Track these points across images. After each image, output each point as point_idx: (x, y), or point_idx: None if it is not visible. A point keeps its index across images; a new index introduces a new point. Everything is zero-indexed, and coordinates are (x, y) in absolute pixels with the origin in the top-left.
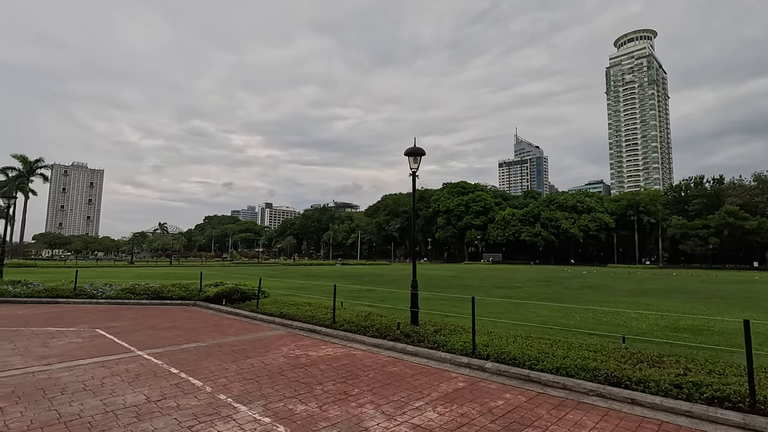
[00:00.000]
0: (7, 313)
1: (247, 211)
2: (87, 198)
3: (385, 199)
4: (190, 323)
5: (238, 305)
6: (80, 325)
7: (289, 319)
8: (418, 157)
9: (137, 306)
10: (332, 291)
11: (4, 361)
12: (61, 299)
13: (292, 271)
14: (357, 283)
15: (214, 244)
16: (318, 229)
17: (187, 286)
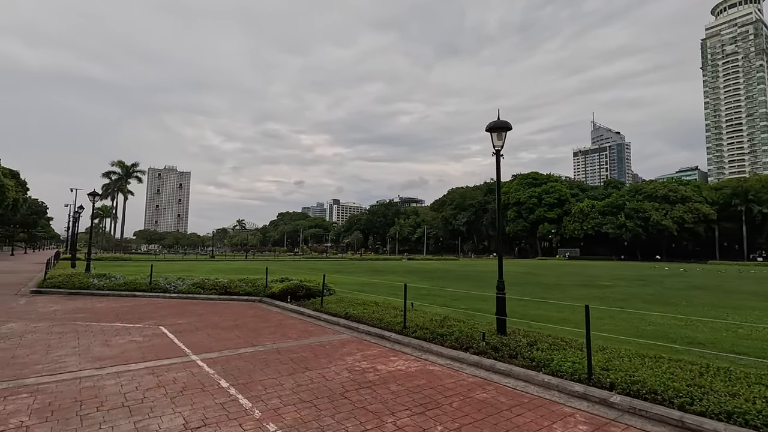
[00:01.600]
0: (88, 306)
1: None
2: (177, 198)
3: (452, 193)
4: (252, 322)
5: (302, 303)
6: (147, 321)
7: (354, 321)
8: (502, 132)
9: (205, 301)
10: (401, 288)
11: (60, 363)
12: (138, 293)
13: (358, 266)
14: (425, 279)
15: (286, 239)
16: (384, 224)
17: (253, 282)
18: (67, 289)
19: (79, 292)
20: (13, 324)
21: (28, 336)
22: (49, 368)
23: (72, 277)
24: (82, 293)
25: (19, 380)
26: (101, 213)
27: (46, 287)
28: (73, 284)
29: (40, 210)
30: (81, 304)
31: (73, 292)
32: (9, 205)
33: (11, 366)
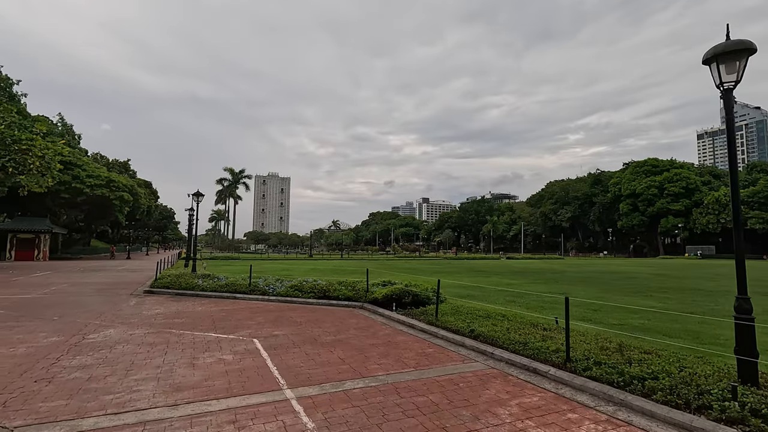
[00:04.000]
0: (189, 309)
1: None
2: (279, 202)
3: (551, 187)
4: (356, 337)
5: (410, 312)
6: (241, 331)
7: (486, 344)
8: (739, 58)
9: (304, 306)
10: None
11: (133, 393)
12: (238, 294)
13: (455, 265)
14: (538, 282)
15: (378, 239)
16: (476, 221)
17: (353, 285)
18: (174, 290)
19: (185, 293)
20: (112, 330)
21: (118, 348)
22: (118, 401)
23: (179, 278)
24: (187, 294)
25: (78, 420)
26: (216, 216)
27: (157, 287)
28: (179, 285)
29: (169, 215)
30: (183, 306)
31: (179, 293)
32: (144, 211)
33: (80, 395)
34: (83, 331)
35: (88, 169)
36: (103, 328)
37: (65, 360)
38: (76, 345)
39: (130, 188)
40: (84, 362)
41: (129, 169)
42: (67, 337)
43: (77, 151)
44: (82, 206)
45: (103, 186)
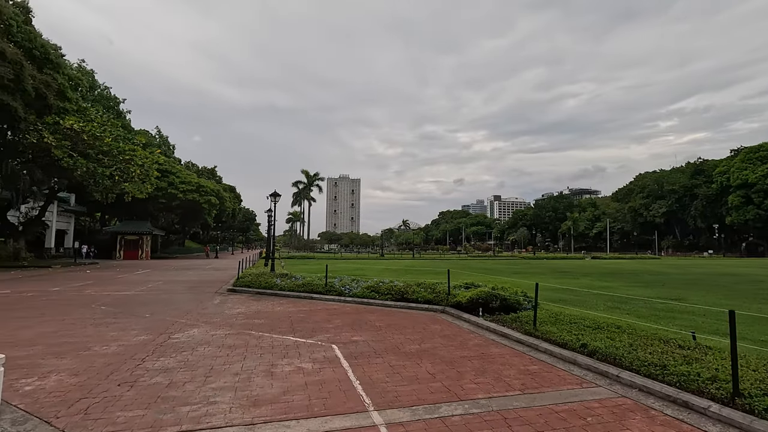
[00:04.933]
0: (268, 308)
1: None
2: (350, 203)
3: (641, 179)
4: (443, 346)
5: (500, 318)
6: (320, 335)
7: (605, 362)
8: None
9: (381, 308)
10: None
11: (210, 406)
12: (315, 294)
13: (535, 265)
14: (637, 284)
15: (448, 238)
16: (553, 219)
17: (433, 287)
18: (255, 288)
19: (264, 292)
20: (195, 330)
21: (200, 350)
22: (194, 415)
23: (259, 277)
24: (266, 293)
25: None
26: (292, 218)
27: (239, 286)
28: (259, 284)
29: (251, 217)
30: (262, 306)
31: (259, 292)
32: (229, 213)
33: (158, 404)
34: (169, 330)
35: (181, 176)
36: (187, 328)
37: (149, 361)
38: (161, 345)
39: (217, 192)
40: (166, 365)
41: (216, 175)
42: (155, 336)
43: (172, 160)
44: (177, 210)
45: (193, 191)
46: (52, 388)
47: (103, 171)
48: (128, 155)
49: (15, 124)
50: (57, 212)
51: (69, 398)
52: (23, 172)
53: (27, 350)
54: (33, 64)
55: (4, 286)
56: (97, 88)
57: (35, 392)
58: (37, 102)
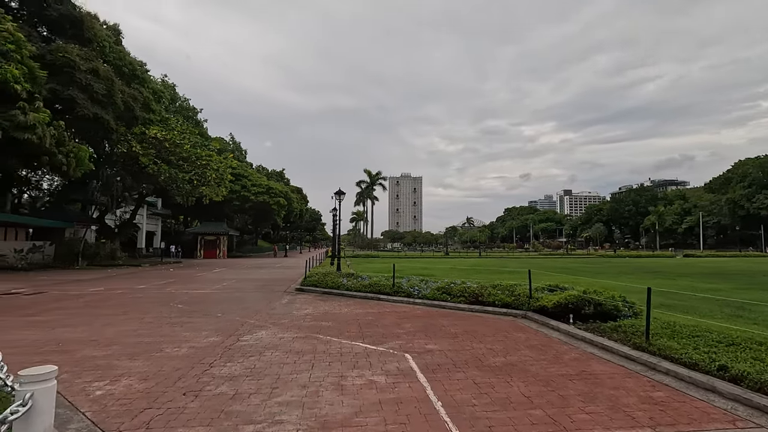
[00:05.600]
0: (335, 310)
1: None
2: (412, 201)
3: (741, 166)
4: (534, 360)
5: (596, 327)
6: (390, 341)
7: (760, 392)
8: None
9: (454, 312)
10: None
11: (273, 428)
12: (382, 296)
13: (617, 264)
14: (752, 286)
15: (515, 235)
16: (634, 213)
17: (511, 289)
18: (322, 288)
19: (331, 292)
20: (263, 333)
21: (267, 355)
22: None
23: (326, 276)
24: (333, 293)
25: None
26: (356, 217)
27: (306, 286)
28: (326, 283)
29: (317, 217)
30: (330, 306)
31: (326, 291)
32: (296, 214)
33: (221, 420)
34: (239, 331)
35: (253, 179)
36: (256, 329)
37: (217, 367)
38: (229, 348)
39: (285, 194)
40: (233, 372)
41: (284, 178)
42: (224, 337)
43: (244, 164)
44: (249, 211)
45: (264, 193)
46: (120, 395)
47: (183, 176)
48: (204, 160)
49: (108, 136)
50: (146, 215)
51: (134, 408)
52: (117, 179)
53: (106, 350)
54: (122, 80)
55: (100, 284)
56: (178, 100)
57: (104, 398)
58: (126, 114)
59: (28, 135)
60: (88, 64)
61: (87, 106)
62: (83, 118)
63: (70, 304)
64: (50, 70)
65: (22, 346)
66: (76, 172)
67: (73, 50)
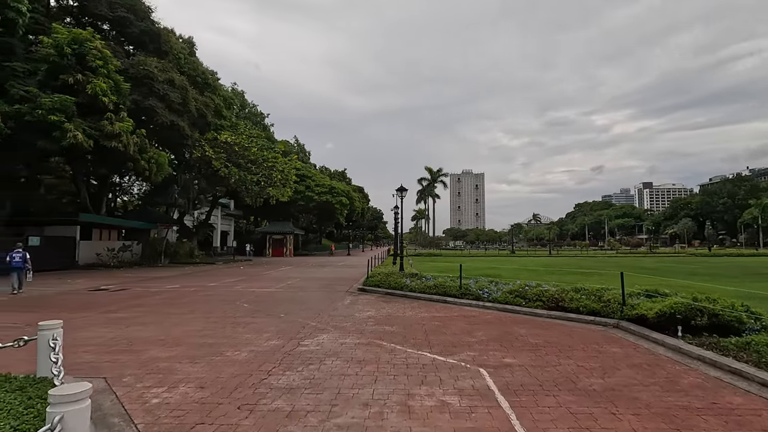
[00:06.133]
0: (399, 312)
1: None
2: (474, 198)
3: None
4: (641, 384)
5: (713, 342)
6: (461, 352)
7: None
8: None
9: (531, 318)
10: None
11: None
12: (448, 298)
13: (714, 264)
14: None
15: (587, 232)
16: (731, 207)
17: (598, 294)
18: (384, 289)
19: (394, 293)
20: (325, 337)
21: (327, 364)
22: None
23: (388, 277)
24: (396, 294)
25: None
26: (417, 215)
27: (369, 286)
28: (389, 284)
29: (378, 216)
30: (393, 308)
31: (388, 292)
32: (358, 213)
33: None
34: (300, 334)
35: (316, 179)
36: (317, 332)
37: (275, 376)
38: (289, 354)
39: (347, 193)
40: (290, 383)
41: (346, 177)
42: (285, 341)
43: (308, 166)
44: (314, 211)
45: (326, 193)
46: (176, 404)
47: (251, 178)
48: (271, 162)
49: (184, 141)
50: (221, 216)
51: (186, 422)
52: (194, 182)
53: (171, 351)
54: (195, 89)
55: (176, 281)
56: (247, 107)
57: (159, 408)
58: (199, 120)
59: (115, 143)
60: (165, 75)
61: (164, 114)
62: (161, 126)
63: (147, 302)
64: (132, 82)
65: (96, 345)
66: (157, 176)
67: (152, 62)
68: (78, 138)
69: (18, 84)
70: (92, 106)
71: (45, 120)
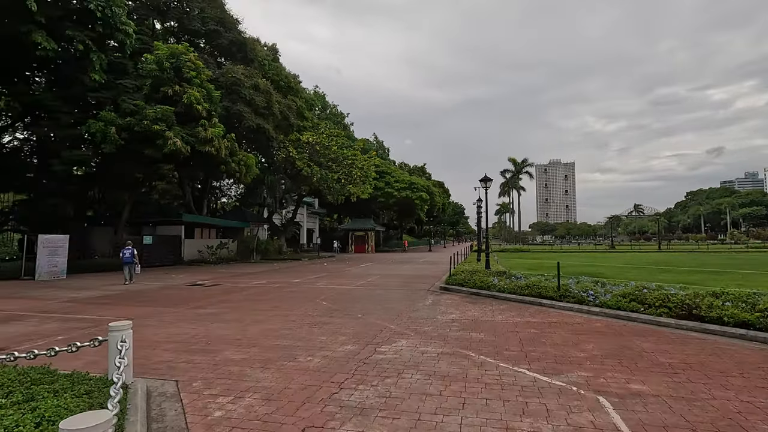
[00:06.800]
0: (487, 316)
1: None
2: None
3: None
4: None
5: None
6: (569, 370)
7: None
8: None
9: (654, 329)
10: None
11: None
12: (544, 300)
13: None
14: None
15: (703, 224)
16: None
17: (749, 300)
18: (469, 288)
19: (480, 293)
20: (404, 343)
21: (406, 378)
22: None
23: (473, 275)
24: (482, 294)
25: None
26: (501, 209)
27: (452, 284)
28: (474, 283)
29: (459, 211)
30: (480, 311)
31: (474, 292)
32: (439, 208)
33: None
34: (377, 338)
35: (396, 175)
36: (396, 337)
37: (346, 390)
38: (364, 362)
39: (427, 188)
40: (363, 400)
41: (425, 173)
42: (361, 346)
43: (387, 162)
44: (394, 207)
45: (406, 188)
46: (237, 420)
47: (332, 176)
48: (350, 160)
49: (269, 143)
50: (306, 214)
51: None
52: (281, 182)
53: (245, 352)
54: (279, 93)
55: (263, 277)
56: (328, 108)
57: (219, 423)
58: (282, 123)
59: (208, 148)
60: (251, 81)
61: (251, 118)
62: (248, 129)
63: (234, 297)
64: (223, 89)
65: (177, 342)
66: (247, 177)
67: (239, 70)
68: (177, 144)
69: (128, 99)
70: (188, 114)
71: (150, 130)
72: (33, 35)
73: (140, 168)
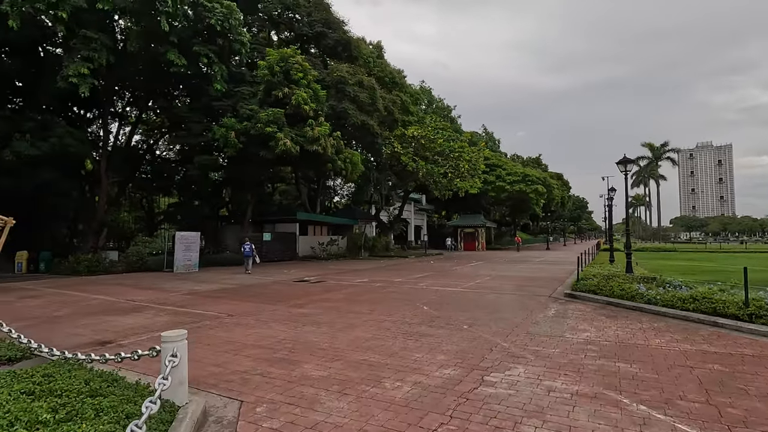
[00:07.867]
0: (636, 338)
1: None
2: (717, 177)
3: None
4: None
5: None
6: None
7: None
8: None
9: None
10: None
11: None
12: (722, 319)
13: None
14: None
15: None
16: None
17: None
18: (604, 296)
19: (621, 304)
20: (521, 371)
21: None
22: None
23: (610, 280)
24: (623, 305)
25: None
26: (634, 202)
27: (580, 291)
28: (611, 290)
29: (582, 205)
30: (623, 329)
31: (611, 302)
32: (558, 202)
33: None
34: (485, 361)
35: (507, 168)
36: (510, 361)
37: None
38: (467, 398)
39: (543, 180)
40: None
41: (541, 164)
42: (464, 371)
43: (497, 154)
44: (506, 202)
45: (519, 181)
46: None
47: (438, 170)
48: (457, 153)
49: (374, 140)
50: (413, 211)
51: None
52: (386, 179)
53: (326, 368)
54: (383, 88)
55: (367, 275)
56: (434, 102)
57: None
58: (387, 118)
59: (315, 146)
60: (354, 78)
61: (356, 115)
62: (353, 126)
63: (333, 296)
64: (328, 89)
65: (262, 347)
66: (353, 174)
67: (343, 68)
68: (287, 144)
69: (245, 105)
70: (296, 115)
71: (263, 132)
72: (168, 54)
73: (257, 169)
